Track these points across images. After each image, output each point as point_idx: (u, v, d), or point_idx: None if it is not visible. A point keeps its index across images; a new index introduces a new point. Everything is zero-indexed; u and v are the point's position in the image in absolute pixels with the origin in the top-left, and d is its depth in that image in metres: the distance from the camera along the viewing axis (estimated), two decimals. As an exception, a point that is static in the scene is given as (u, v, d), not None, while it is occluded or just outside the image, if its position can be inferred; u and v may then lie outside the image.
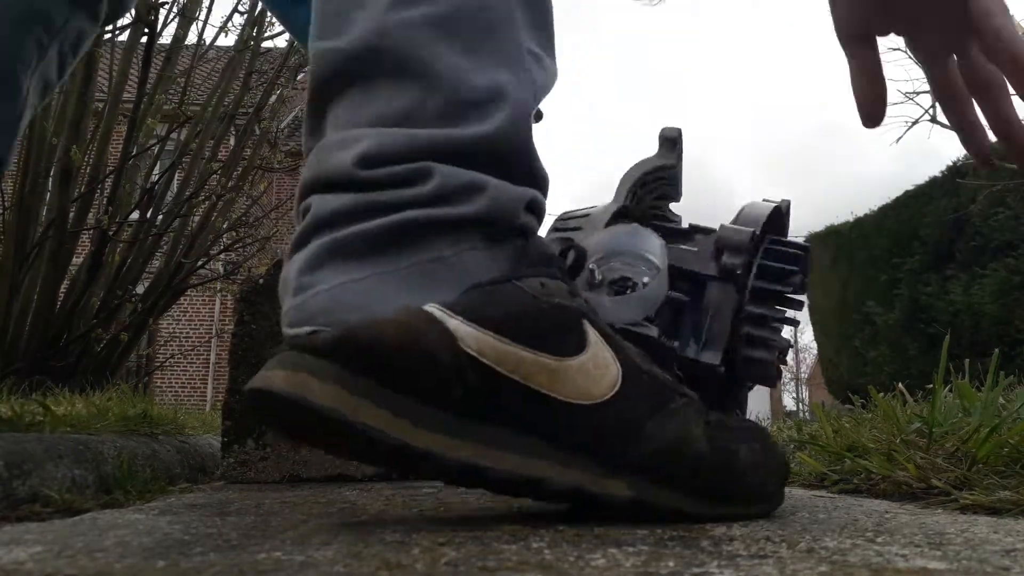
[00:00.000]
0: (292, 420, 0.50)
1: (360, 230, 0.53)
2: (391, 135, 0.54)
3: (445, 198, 0.54)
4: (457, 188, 0.54)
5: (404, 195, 0.53)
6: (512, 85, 0.57)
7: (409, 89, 0.55)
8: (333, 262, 0.53)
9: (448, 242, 0.54)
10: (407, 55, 0.55)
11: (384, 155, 0.54)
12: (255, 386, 0.49)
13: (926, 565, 0.39)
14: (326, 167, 0.55)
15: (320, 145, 0.57)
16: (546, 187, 0.61)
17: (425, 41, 0.55)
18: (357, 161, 0.54)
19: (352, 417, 0.48)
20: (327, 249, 0.53)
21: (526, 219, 0.58)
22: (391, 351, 0.49)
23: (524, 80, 0.58)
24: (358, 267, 0.53)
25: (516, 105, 0.57)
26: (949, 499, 0.70)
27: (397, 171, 0.54)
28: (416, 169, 0.54)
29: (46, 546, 0.46)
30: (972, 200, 7.68)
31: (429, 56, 0.55)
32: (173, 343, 10.26)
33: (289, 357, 0.49)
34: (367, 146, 0.54)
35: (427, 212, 0.53)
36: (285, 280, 0.55)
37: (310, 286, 0.53)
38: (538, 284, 0.54)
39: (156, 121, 2.85)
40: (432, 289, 0.53)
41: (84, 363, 2.65)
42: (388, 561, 0.39)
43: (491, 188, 0.55)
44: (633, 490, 0.55)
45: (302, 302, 0.53)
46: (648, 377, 0.57)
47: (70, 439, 0.85)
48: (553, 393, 0.52)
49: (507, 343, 0.51)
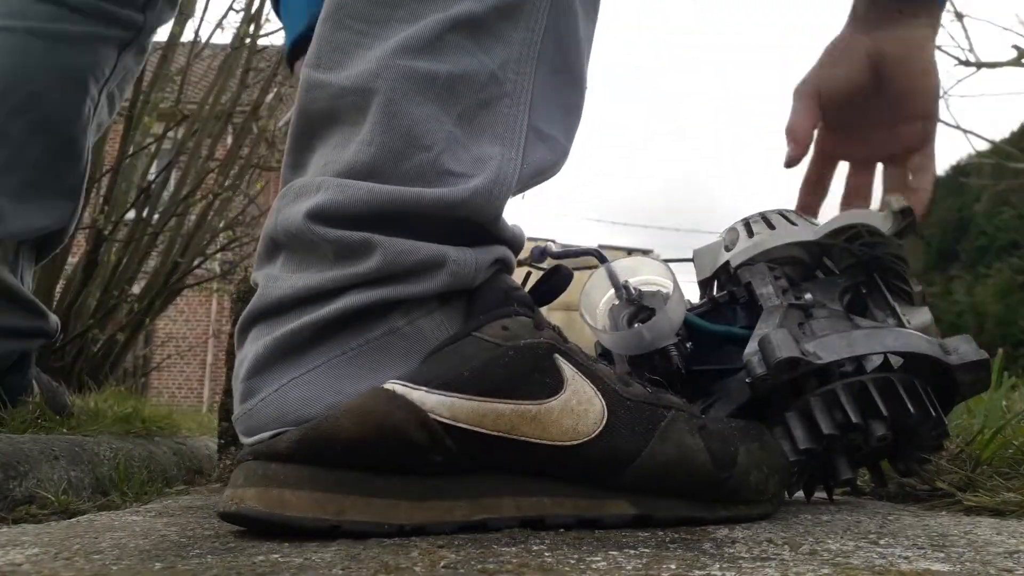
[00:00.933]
0: (278, 532, 0.49)
1: (305, 322, 0.51)
2: (351, 189, 0.51)
3: (397, 276, 0.51)
4: (413, 266, 0.52)
5: (349, 274, 0.51)
6: (498, 159, 0.55)
7: (389, 143, 0.52)
8: (279, 361, 0.51)
9: (401, 313, 0.52)
10: (398, 109, 0.52)
11: (339, 211, 0.51)
12: (228, 511, 0.48)
13: (929, 567, 0.39)
14: (284, 219, 0.54)
15: (285, 190, 0.55)
16: (518, 246, 0.59)
17: (421, 100, 0.53)
18: (310, 213, 0.51)
19: (337, 519, 0.47)
20: (271, 349, 0.51)
21: (488, 274, 0.55)
22: (357, 439, 0.47)
23: (514, 157, 0.55)
24: (305, 359, 0.51)
25: (496, 180, 0.54)
26: (953, 501, 0.70)
27: (344, 238, 0.51)
28: (362, 241, 0.51)
29: (43, 548, 0.46)
30: (976, 199, 7.70)
31: (421, 116, 0.53)
32: (170, 343, 10.25)
33: (255, 469, 0.48)
34: (323, 200, 0.51)
35: (377, 293, 0.51)
36: (236, 376, 0.54)
37: (257, 390, 0.51)
38: (500, 328, 0.52)
39: (153, 120, 2.84)
40: (387, 365, 0.51)
41: (81, 364, 2.64)
42: (387, 564, 0.39)
43: (450, 263, 0.52)
44: (637, 508, 0.54)
45: (250, 410, 0.51)
46: (632, 403, 0.55)
47: (66, 440, 0.84)
48: (542, 440, 0.51)
49: (480, 400, 0.49)
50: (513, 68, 0.56)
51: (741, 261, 0.76)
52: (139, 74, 2.70)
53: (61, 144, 0.96)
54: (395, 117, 0.52)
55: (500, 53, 0.55)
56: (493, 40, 0.55)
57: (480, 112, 0.55)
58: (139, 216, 2.92)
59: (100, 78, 0.98)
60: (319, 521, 0.47)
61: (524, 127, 0.56)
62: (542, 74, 0.57)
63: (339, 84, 0.54)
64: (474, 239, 0.55)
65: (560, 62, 0.59)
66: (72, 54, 0.94)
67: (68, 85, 0.95)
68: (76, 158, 0.98)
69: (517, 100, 0.56)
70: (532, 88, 0.57)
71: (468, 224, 0.54)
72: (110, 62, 0.99)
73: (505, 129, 0.55)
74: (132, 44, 1.01)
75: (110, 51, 0.98)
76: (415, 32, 0.53)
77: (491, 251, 0.56)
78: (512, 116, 0.56)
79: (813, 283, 0.75)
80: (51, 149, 0.95)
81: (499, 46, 0.55)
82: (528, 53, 0.56)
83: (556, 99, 0.59)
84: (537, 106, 0.57)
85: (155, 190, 2.96)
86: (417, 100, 0.53)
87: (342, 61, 0.55)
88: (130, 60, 1.03)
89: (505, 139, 0.55)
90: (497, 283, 0.55)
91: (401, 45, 0.53)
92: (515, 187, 0.55)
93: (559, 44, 0.58)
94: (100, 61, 0.97)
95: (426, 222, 0.53)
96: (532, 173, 0.57)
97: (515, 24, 0.56)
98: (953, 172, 8.40)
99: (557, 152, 0.60)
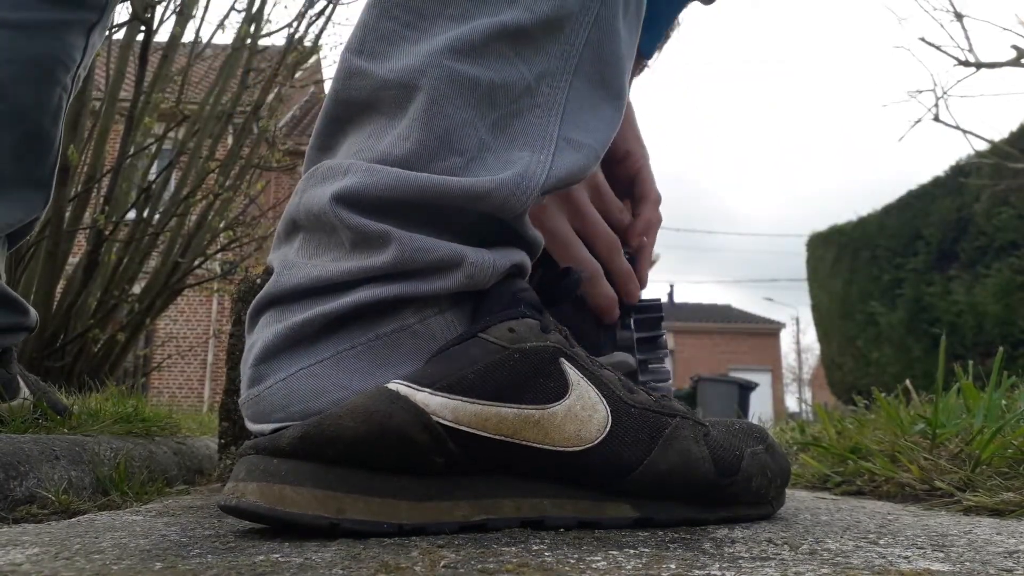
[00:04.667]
0: (278, 527, 0.49)
1: (317, 313, 0.51)
2: (380, 173, 0.52)
3: (411, 273, 0.52)
4: (429, 264, 0.52)
5: (363, 266, 0.51)
6: (526, 160, 0.55)
7: (426, 141, 0.52)
8: (288, 350, 0.51)
9: (413, 311, 0.52)
10: (439, 110, 0.52)
11: (365, 195, 0.51)
12: (229, 504, 0.48)
13: (929, 567, 0.39)
14: (308, 200, 0.54)
15: (312, 171, 0.55)
16: (536, 250, 0.59)
17: (462, 104, 0.53)
18: (337, 195, 0.52)
19: (337, 517, 0.47)
20: (282, 336, 0.52)
21: (500, 278, 0.55)
22: (359, 439, 0.47)
23: (543, 160, 0.55)
24: (314, 350, 0.51)
25: (523, 175, 0.54)
26: (952, 501, 0.70)
27: (364, 227, 0.51)
28: (380, 232, 0.51)
29: (43, 548, 0.46)
30: (976, 199, 7.70)
31: (459, 120, 0.53)
32: (170, 344, 10.25)
33: (257, 463, 0.48)
34: (351, 183, 0.52)
35: (391, 288, 0.51)
36: (245, 360, 0.54)
37: (265, 377, 0.52)
38: (506, 331, 0.52)
39: (153, 120, 2.84)
40: (395, 363, 0.51)
41: (81, 364, 2.64)
42: (387, 563, 0.39)
43: (467, 264, 0.52)
44: (638, 511, 0.54)
45: (258, 395, 0.52)
46: (637, 410, 0.55)
47: (66, 440, 0.84)
48: (545, 445, 0.51)
49: (485, 404, 0.49)
50: (548, 81, 0.56)
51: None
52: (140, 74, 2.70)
53: (31, 136, 0.93)
54: (435, 117, 0.52)
55: (539, 65, 0.56)
56: (534, 52, 0.55)
57: (512, 121, 0.55)
58: (139, 216, 2.93)
59: (71, 64, 0.96)
60: (319, 518, 0.47)
61: (555, 137, 0.56)
62: (578, 87, 0.57)
63: (382, 76, 0.54)
64: (495, 239, 0.55)
65: (598, 77, 0.59)
66: (40, 42, 0.91)
67: (37, 75, 0.92)
68: (47, 149, 0.96)
69: (549, 111, 0.56)
70: (565, 101, 0.57)
71: (491, 221, 0.54)
72: (80, 46, 0.96)
73: (535, 138, 0.55)
74: (98, 24, 0.98)
75: (78, 36, 0.95)
76: (463, 34, 0.53)
77: (509, 255, 0.55)
78: (542, 126, 0.56)
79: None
80: (21, 142, 0.92)
81: (539, 58, 0.56)
82: (565, 67, 0.56)
83: (591, 111, 0.59)
84: (570, 117, 0.57)
85: (155, 190, 2.96)
86: (458, 103, 0.53)
87: (387, 52, 0.55)
88: (96, 39, 1.00)
89: (535, 146, 0.55)
90: (507, 284, 0.55)
91: (449, 45, 0.53)
92: (542, 188, 0.55)
93: (598, 60, 0.58)
94: (69, 47, 0.94)
95: (448, 216, 0.53)
96: (561, 176, 0.57)
97: (556, 38, 0.56)
98: (952, 172, 8.39)
99: (591, 159, 0.59)
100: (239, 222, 3.55)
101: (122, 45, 2.81)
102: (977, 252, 7.61)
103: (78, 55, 0.96)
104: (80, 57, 0.97)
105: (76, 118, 2.47)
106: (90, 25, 0.97)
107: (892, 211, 9.22)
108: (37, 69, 0.92)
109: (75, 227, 2.64)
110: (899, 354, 8.47)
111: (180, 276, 3.03)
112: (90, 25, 0.97)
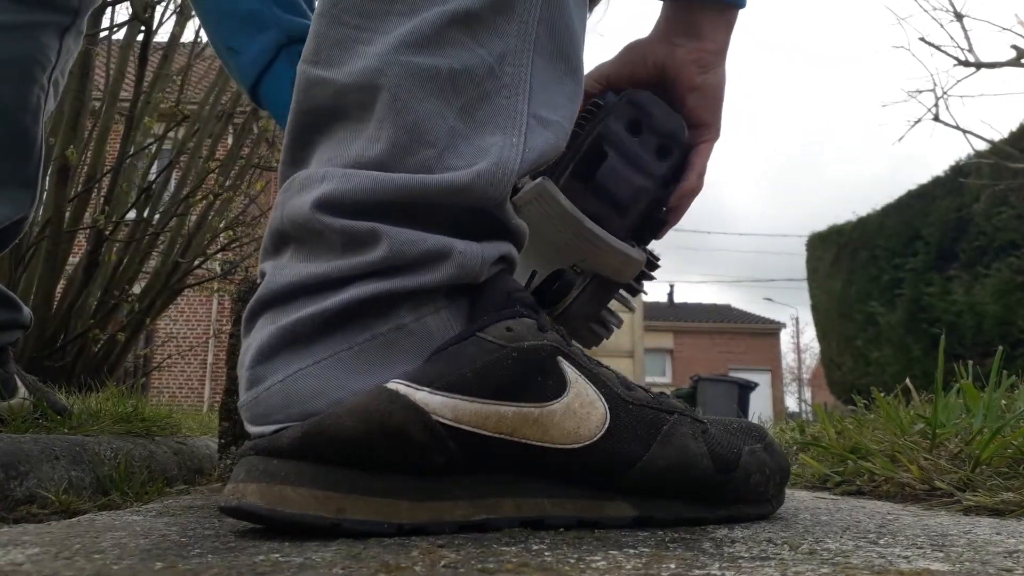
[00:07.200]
0: (278, 529, 0.49)
1: (311, 312, 0.51)
2: (357, 178, 0.52)
3: (402, 267, 0.52)
4: (419, 256, 0.52)
5: (355, 263, 0.51)
6: (500, 145, 0.55)
7: (395, 139, 0.52)
8: (285, 351, 0.51)
9: (408, 309, 0.52)
10: (403, 106, 0.52)
11: (344, 200, 0.51)
12: (229, 505, 0.48)
13: (928, 567, 0.39)
14: (290, 211, 0.54)
15: (288, 183, 0.55)
16: (522, 240, 0.60)
17: (424, 95, 0.53)
18: (317, 203, 0.52)
19: (337, 517, 0.47)
20: (277, 337, 0.51)
21: (492, 271, 0.56)
22: (359, 439, 0.47)
23: (516, 143, 0.55)
24: (311, 351, 0.51)
25: (499, 163, 0.54)
26: (952, 500, 0.70)
27: (352, 228, 0.51)
28: (369, 231, 0.51)
29: (44, 548, 0.46)
30: (975, 199, 7.70)
31: (425, 112, 0.53)
32: (171, 343, 10.25)
33: (257, 464, 0.48)
34: (329, 189, 0.52)
35: (383, 284, 0.51)
36: (241, 363, 0.54)
37: (263, 379, 0.52)
38: (503, 330, 0.52)
39: (153, 120, 2.85)
40: (393, 362, 0.51)
41: (81, 364, 2.64)
42: (387, 563, 0.39)
43: (456, 254, 0.53)
44: (637, 509, 0.54)
45: (256, 397, 0.52)
46: (635, 407, 0.55)
47: (67, 440, 0.84)
48: (544, 443, 0.51)
49: (484, 403, 0.49)
50: (510, 60, 0.56)
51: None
52: (140, 74, 2.71)
53: (13, 135, 0.95)
54: (401, 113, 0.52)
55: (497, 46, 0.56)
56: (489, 34, 0.55)
57: (480, 105, 0.55)
58: (139, 216, 2.93)
59: (47, 65, 0.97)
60: (319, 519, 0.47)
61: (524, 116, 0.56)
62: (539, 63, 0.58)
63: (342, 81, 0.54)
64: (480, 231, 0.55)
65: (556, 50, 0.59)
66: (13, 44, 0.93)
67: (13, 75, 0.94)
68: (29, 147, 0.97)
69: (515, 91, 0.56)
70: (530, 78, 0.57)
71: (473, 213, 0.55)
72: (54, 48, 0.98)
73: (505, 120, 0.56)
74: (71, 28, 1.00)
75: (51, 37, 0.97)
76: (415, 27, 0.54)
77: (497, 246, 0.56)
78: (511, 106, 0.56)
79: None
80: (3, 140, 0.94)
81: (495, 39, 0.56)
82: (524, 45, 0.57)
83: (555, 86, 0.60)
84: (537, 94, 0.57)
85: (155, 190, 2.96)
86: (420, 96, 0.53)
87: (343, 57, 0.55)
88: (71, 43, 1.02)
89: (506, 129, 0.56)
90: (500, 284, 0.55)
91: (402, 40, 0.53)
92: (519, 171, 0.55)
93: (553, 33, 0.59)
94: (43, 47, 0.96)
95: (431, 211, 0.53)
96: (535, 157, 0.57)
97: (509, 17, 0.56)
98: (952, 172, 8.40)
99: (560, 135, 0.60)
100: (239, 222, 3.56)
101: (122, 45, 2.82)
102: (976, 252, 7.61)
103: (53, 56, 0.98)
104: (55, 59, 0.99)
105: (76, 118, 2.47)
106: (63, 28, 0.99)
107: (891, 211, 9.23)
108: (14, 68, 0.94)
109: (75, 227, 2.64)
110: (898, 354, 8.47)
111: (180, 276, 3.03)
112: (63, 28, 0.99)
